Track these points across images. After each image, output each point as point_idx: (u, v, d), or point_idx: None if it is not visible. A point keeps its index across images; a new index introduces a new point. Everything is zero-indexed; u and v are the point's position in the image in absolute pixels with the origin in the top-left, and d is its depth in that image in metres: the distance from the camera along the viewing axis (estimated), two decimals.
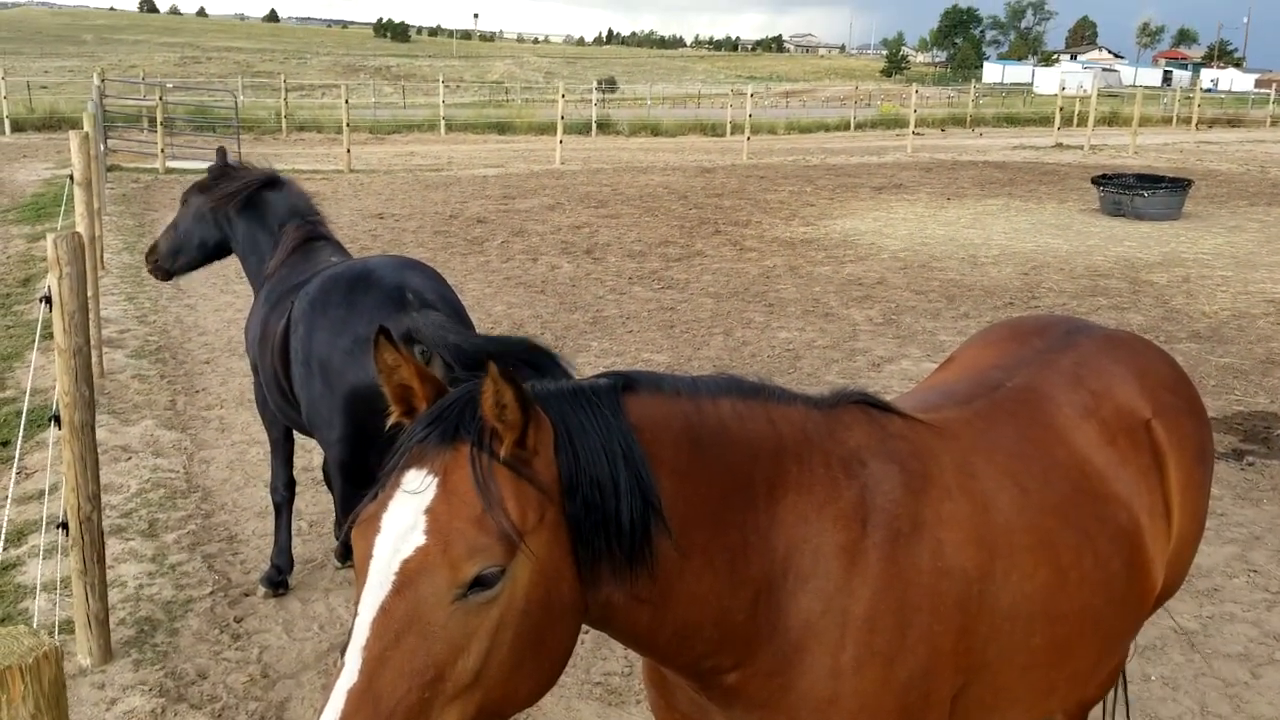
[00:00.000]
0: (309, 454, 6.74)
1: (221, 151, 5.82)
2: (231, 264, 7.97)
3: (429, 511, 1.77)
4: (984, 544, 2.37)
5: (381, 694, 1.67)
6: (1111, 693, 3.68)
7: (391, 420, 2.00)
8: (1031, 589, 2.45)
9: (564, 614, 1.88)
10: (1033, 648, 2.48)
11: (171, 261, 5.89)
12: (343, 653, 1.72)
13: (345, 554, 5.66)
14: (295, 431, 5.37)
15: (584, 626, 2.00)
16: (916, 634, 2.23)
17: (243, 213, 5.57)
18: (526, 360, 2.28)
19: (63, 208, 12.57)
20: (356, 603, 1.76)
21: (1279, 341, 10.55)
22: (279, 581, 5.38)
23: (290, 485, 5.51)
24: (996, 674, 2.44)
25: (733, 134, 34.93)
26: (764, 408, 2.22)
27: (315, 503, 6.41)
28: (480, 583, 1.73)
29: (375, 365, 1.95)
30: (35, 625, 4.89)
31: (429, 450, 1.83)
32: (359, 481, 4.58)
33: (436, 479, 1.79)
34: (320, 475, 6.17)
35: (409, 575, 1.73)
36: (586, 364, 9.37)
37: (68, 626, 4.84)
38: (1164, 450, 2.92)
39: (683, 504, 2.01)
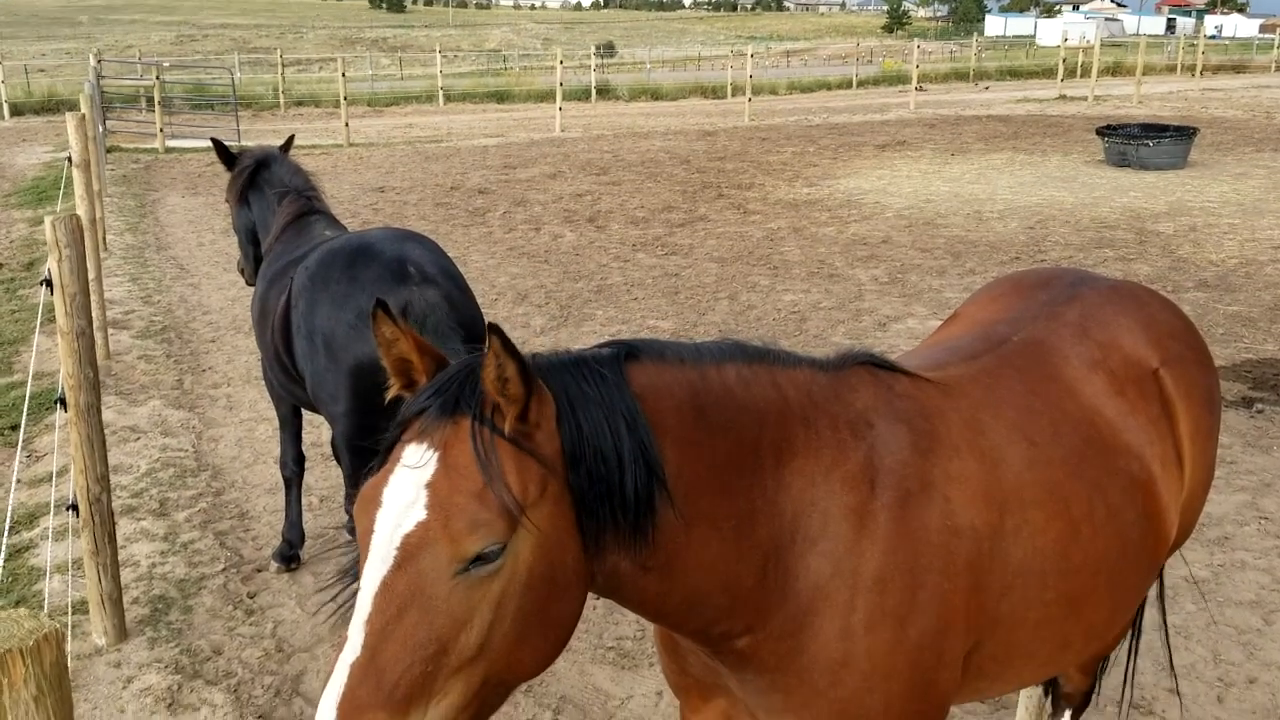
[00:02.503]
0: (318, 429, 6.75)
1: (215, 142, 5.80)
2: (233, 242, 7.94)
3: (429, 486, 1.76)
4: (994, 501, 2.36)
5: (385, 667, 1.67)
6: (1128, 641, 3.69)
7: (391, 393, 1.99)
8: (1044, 544, 2.44)
9: (568, 585, 1.87)
10: (1046, 603, 2.47)
11: (245, 264, 5.90)
12: (347, 626, 1.72)
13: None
14: (302, 408, 5.38)
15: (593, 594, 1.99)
16: (927, 593, 2.22)
17: (251, 197, 5.62)
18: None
19: (62, 190, 12.56)
20: (359, 577, 1.76)
21: None
22: (291, 556, 5.41)
23: (300, 461, 5.52)
24: (1010, 631, 2.43)
25: (734, 95, 34.68)
26: (769, 372, 2.21)
27: (325, 478, 6.43)
28: (482, 557, 1.73)
29: (375, 337, 1.94)
30: (48, 607, 4.93)
31: (429, 424, 1.82)
32: (367, 455, 4.58)
33: (437, 453, 1.78)
34: (329, 450, 6.18)
35: (410, 550, 1.72)
36: (591, 333, 9.36)
37: (82, 607, 4.87)
38: (1173, 399, 2.91)
39: (688, 472, 2.00)
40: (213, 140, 5.89)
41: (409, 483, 1.78)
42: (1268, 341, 8.86)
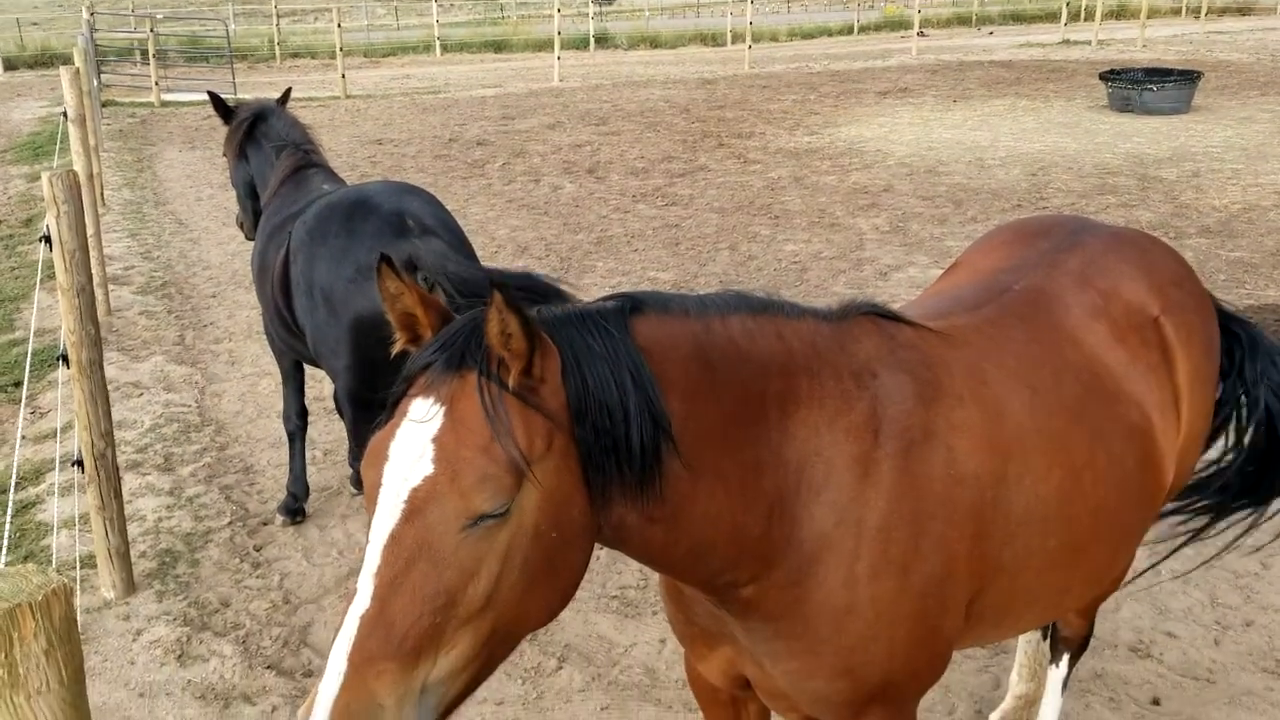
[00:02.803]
0: (320, 384, 6.77)
1: (212, 96, 5.76)
2: (231, 196, 7.91)
3: (436, 440, 1.77)
4: (997, 449, 2.38)
5: (394, 619, 1.69)
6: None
7: (397, 348, 1.99)
8: (1046, 491, 2.46)
9: (575, 537, 1.88)
10: (1048, 549, 2.50)
11: (244, 218, 5.87)
12: (356, 579, 1.75)
13: (360, 481, 5.72)
14: (304, 362, 5.39)
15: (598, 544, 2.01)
16: (931, 541, 2.24)
17: (248, 151, 5.60)
18: (529, 288, 2.26)
19: (59, 146, 12.48)
20: (368, 530, 1.77)
21: None
22: (296, 510, 5.45)
23: (303, 415, 5.54)
24: (1013, 577, 2.46)
25: (733, 43, 34.29)
26: (773, 323, 2.21)
27: (329, 431, 6.46)
28: (494, 513, 1.74)
29: (379, 293, 1.94)
30: (56, 562, 4.98)
31: (435, 379, 1.82)
32: (369, 409, 4.60)
33: (443, 408, 1.79)
34: (332, 404, 6.21)
35: (417, 504, 1.74)
36: (593, 285, 9.34)
37: (89, 561, 4.92)
38: (1172, 346, 2.92)
39: (693, 425, 2.00)
40: (209, 94, 5.85)
41: (416, 437, 1.78)
42: (1270, 287, 8.84)
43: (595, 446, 1.88)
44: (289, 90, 6.22)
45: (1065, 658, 3.54)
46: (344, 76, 23.01)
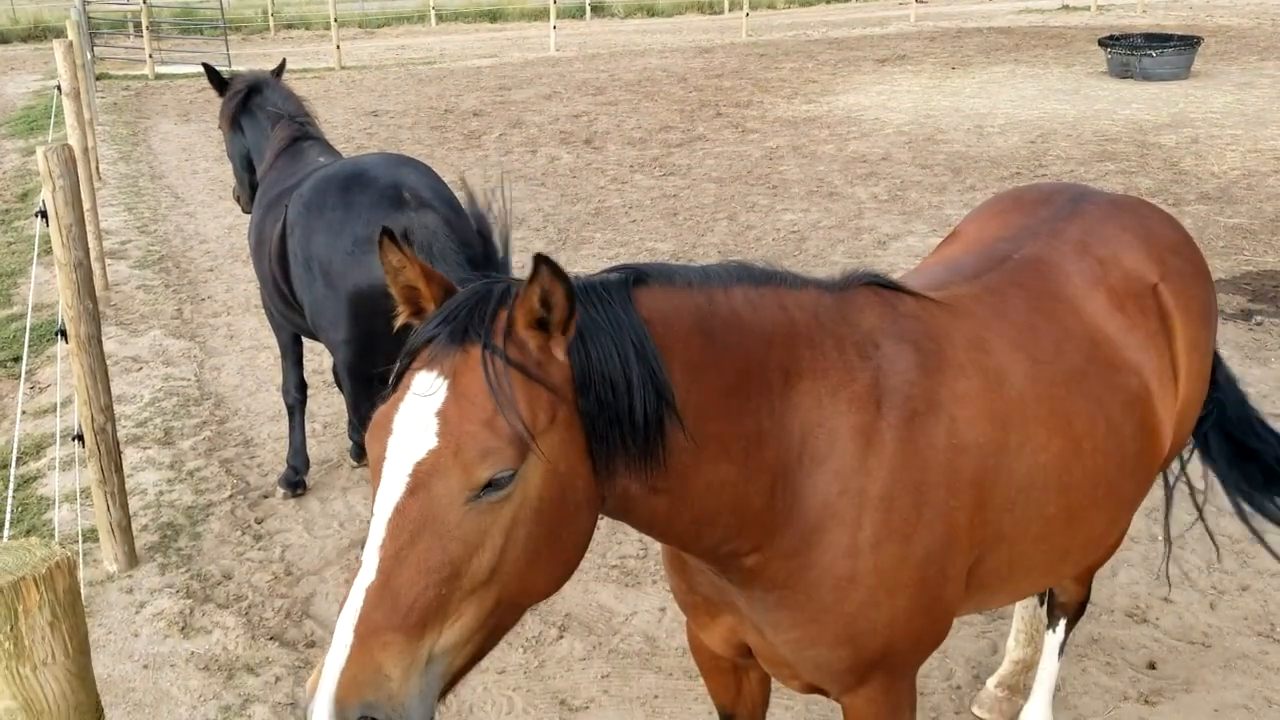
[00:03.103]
0: (319, 357, 6.77)
1: (207, 68, 5.73)
2: (228, 170, 7.89)
3: (440, 414, 1.77)
4: (998, 419, 2.39)
5: (399, 591, 1.69)
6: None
7: (400, 321, 1.99)
8: (1046, 460, 2.48)
9: (579, 509, 1.89)
10: (1047, 517, 2.52)
11: (241, 191, 5.85)
12: (362, 550, 1.76)
13: (360, 453, 5.73)
14: (303, 335, 5.39)
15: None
16: (933, 510, 2.26)
17: (244, 123, 5.58)
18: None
19: (53, 120, 12.41)
20: (373, 503, 1.78)
21: None
22: (296, 482, 5.47)
23: (302, 388, 5.55)
24: (1013, 545, 2.48)
25: (731, 10, 34.05)
26: (775, 294, 2.22)
27: (328, 404, 6.47)
28: (492, 484, 1.75)
29: (380, 266, 1.94)
30: (59, 535, 5.00)
31: (438, 352, 1.82)
32: (368, 382, 4.61)
33: (447, 381, 1.79)
34: (331, 377, 6.21)
35: (421, 477, 1.74)
36: (591, 256, 9.33)
37: (91, 535, 4.94)
38: (1171, 314, 2.93)
39: (697, 396, 2.01)
40: (204, 66, 5.82)
41: (420, 410, 1.79)
42: (1268, 253, 8.83)
43: (599, 419, 1.88)
44: (284, 62, 6.19)
45: (1062, 623, 3.57)
46: (339, 47, 22.86)
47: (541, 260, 1.77)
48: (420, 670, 1.70)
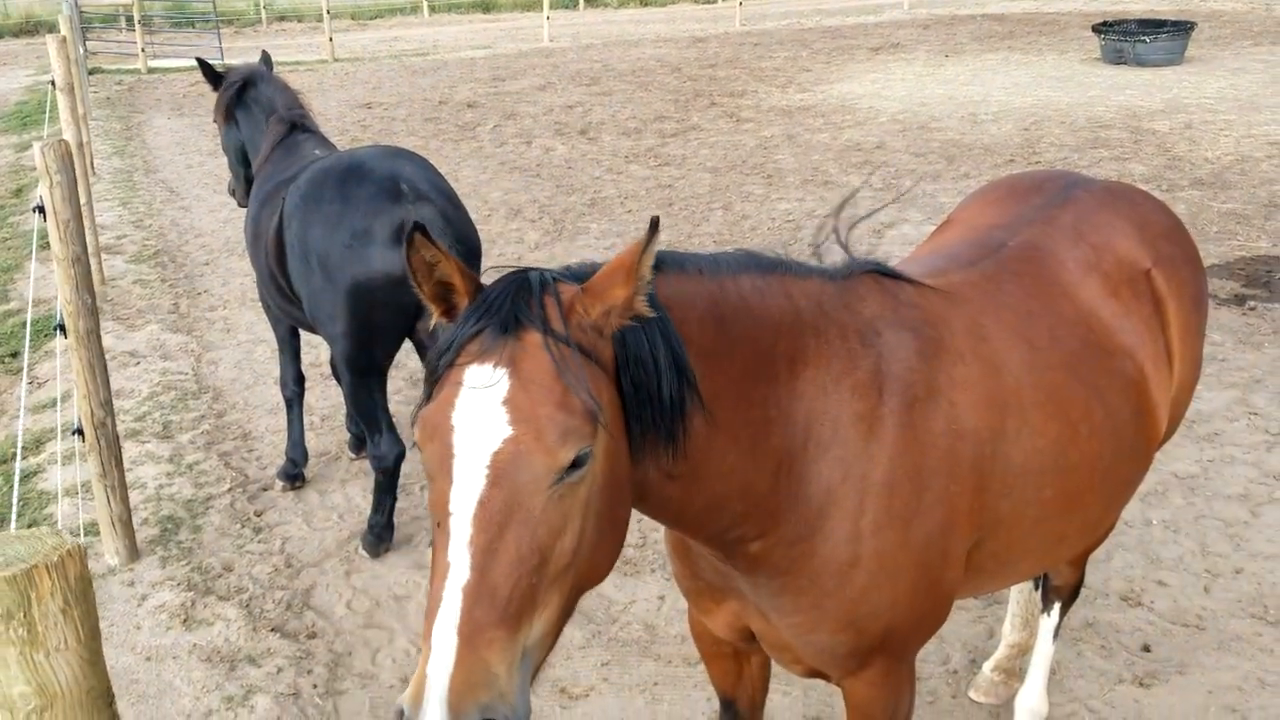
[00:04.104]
0: (317, 350, 6.79)
1: (200, 62, 5.73)
2: (222, 163, 7.88)
3: (508, 403, 1.75)
4: (996, 404, 2.42)
5: (496, 585, 1.67)
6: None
7: (434, 321, 1.96)
8: (1043, 444, 2.51)
9: (625, 487, 1.92)
10: (1045, 501, 2.55)
11: (236, 185, 5.85)
12: (443, 553, 1.71)
13: (358, 446, 5.75)
14: (300, 328, 5.40)
15: None
16: (933, 496, 2.29)
17: (239, 116, 5.58)
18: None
19: (47, 115, 12.40)
20: (444, 504, 1.74)
21: None
22: (295, 475, 5.49)
23: (299, 381, 5.56)
24: (1011, 528, 2.51)
25: (724, 0, 34.02)
26: (781, 282, 2.24)
27: (325, 397, 6.49)
28: (575, 464, 1.75)
29: (410, 264, 1.88)
30: (60, 529, 5.01)
31: (489, 344, 1.80)
32: (366, 374, 4.62)
33: (507, 370, 1.77)
34: (329, 370, 6.23)
35: (503, 467, 1.72)
36: (586, 247, 9.34)
37: (93, 529, 4.97)
38: (1164, 299, 2.95)
39: (709, 382, 2.03)
40: (198, 59, 5.82)
41: (484, 403, 1.76)
42: (1261, 238, 8.87)
43: (633, 399, 1.91)
44: (267, 54, 6.10)
45: (1057, 607, 3.60)
46: (331, 40, 22.82)
47: (656, 227, 1.81)
48: (519, 665, 1.69)
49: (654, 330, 1.93)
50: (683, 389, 1.96)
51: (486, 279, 1.95)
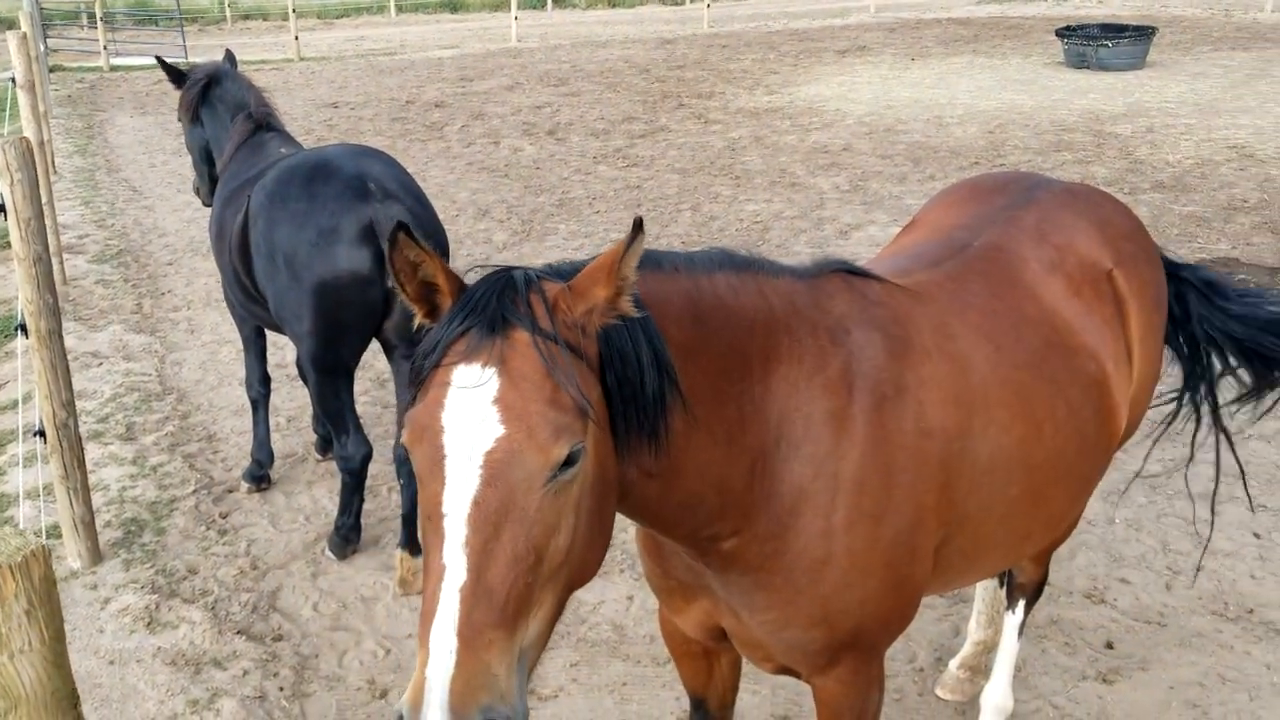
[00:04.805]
0: (283, 350, 6.74)
1: (160, 60, 5.67)
2: (186, 162, 7.80)
3: (499, 401, 1.73)
4: (963, 403, 2.45)
5: (493, 586, 1.66)
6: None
7: (418, 322, 1.93)
8: (1009, 442, 2.54)
9: (612, 485, 1.92)
10: (1010, 497, 2.58)
11: (200, 184, 5.79)
12: (437, 555, 1.69)
13: (325, 447, 5.71)
14: (266, 328, 5.36)
15: None
16: (902, 493, 2.31)
17: (204, 115, 5.53)
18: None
19: (7, 113, 12.23)
20: (437, 505, 1.72)
21: (1241, 188, 10.60)
22: (261, 476, 5.44)
23: (265, 381, 5.52)
24: (977, 525, 2.54)
25: (692, 2, 34.08)
26: (755, 281, 2.25)
27: (292, 398, 6.44)
28: (568, 460, 1.74)
29: (394, 264, 1.85)
30: (24, 530, 4.95)
31: (476, 344, 1.78)
32: (332, 374, 4.59)
33: (495, 369, 1.76)
34: (295, 371, 6.18)
35: (497, 467, 1.70)
36: (555, 247, 9.33)
37: (55, 531, 4.90)
38: (1125, 299, 3.00)
39: (687, 379, 2.03)
40: (158, 58, 5.76)
41: (473, 402, 1.74)
42: (1221, 241, 9.00)
43: (618, 397, 1.90)
44: (229, 53, 6.06)
45: (1021, 604, 3.63)
46: (297, 38, 22.66)
47: (639, 228, 1.80)
48: (517, 666, 1.68)
49: (635, 328, 1.93)
50: (664, 386, 1.96)
51: (466, 279, 1.93)
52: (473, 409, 1.74)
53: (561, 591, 1.80)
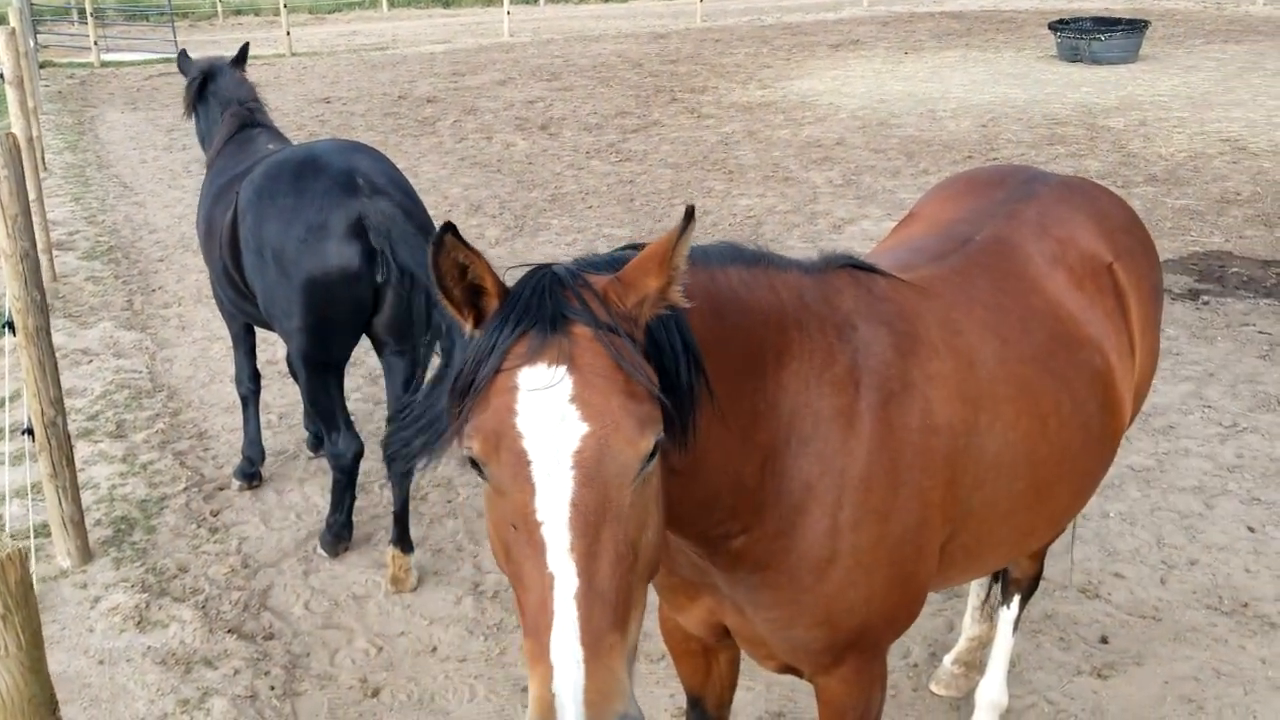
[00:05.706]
0: (273, 346, 6.70)
1: (182, 54, 5.77)
2: (177, 158, 7.77)
3: (577, 399, 1.68)
4: (969, 399, 2.43)
5: (603, 588, 1.62)
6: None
7: (469, 329, 1.84)
8: (1014, 437, 2.52)
9: (668, 476, 1.89)
10: (1015, 493, 2.56)
11: None
12: (537, 564, 1.65)
13: (316, 444, 5.68)
14: (255, 325, 5.33)
15: None
16: (909, 490, 2.29)
17: (200, 110, 5.55)
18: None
19: None
20: (528, 513, 1.66)
21: (1233, 180, 10.61)
22: (252, 474, 5.41)
23: (255, 378, 5.49)
24: (982, 521, 2.52)
25: None
26: (765, 275, 2.23)
27: (283, 395, 6.41)
28: (655, 451, 1.71)
29: (438, 268, 1.75)
30: (10, 531, 4.92)
31: (537, 344, 1.72)
32: (322, 370, 4.56)
33: (565, 367, 1.70)
34: (285, 367, 6.15)
35: (589, 466, 1.66)
36: (548, 242, 9.30)
37: (44, 530, 4.86)
38: (1126, 291, 2.99)
39: (711, 373, 2.00)
40: (182, 53, 5.87)
41: (550, 403, 1.68)
42: (1214, 234, 8.99)
43: (660, 387, 1.85)
44: (246, 46, 6.06)
45: (1016, 599, 3.62)
46: (289, 33, 22.58)
47: (689, 215, 1.76)
48: (630, 665, 1.66)
49: (669, 320, 1.89)
50: (694, 376, 1.93)
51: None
52: (551, 410, 1.68)
53: (645, 587, 1.76)
